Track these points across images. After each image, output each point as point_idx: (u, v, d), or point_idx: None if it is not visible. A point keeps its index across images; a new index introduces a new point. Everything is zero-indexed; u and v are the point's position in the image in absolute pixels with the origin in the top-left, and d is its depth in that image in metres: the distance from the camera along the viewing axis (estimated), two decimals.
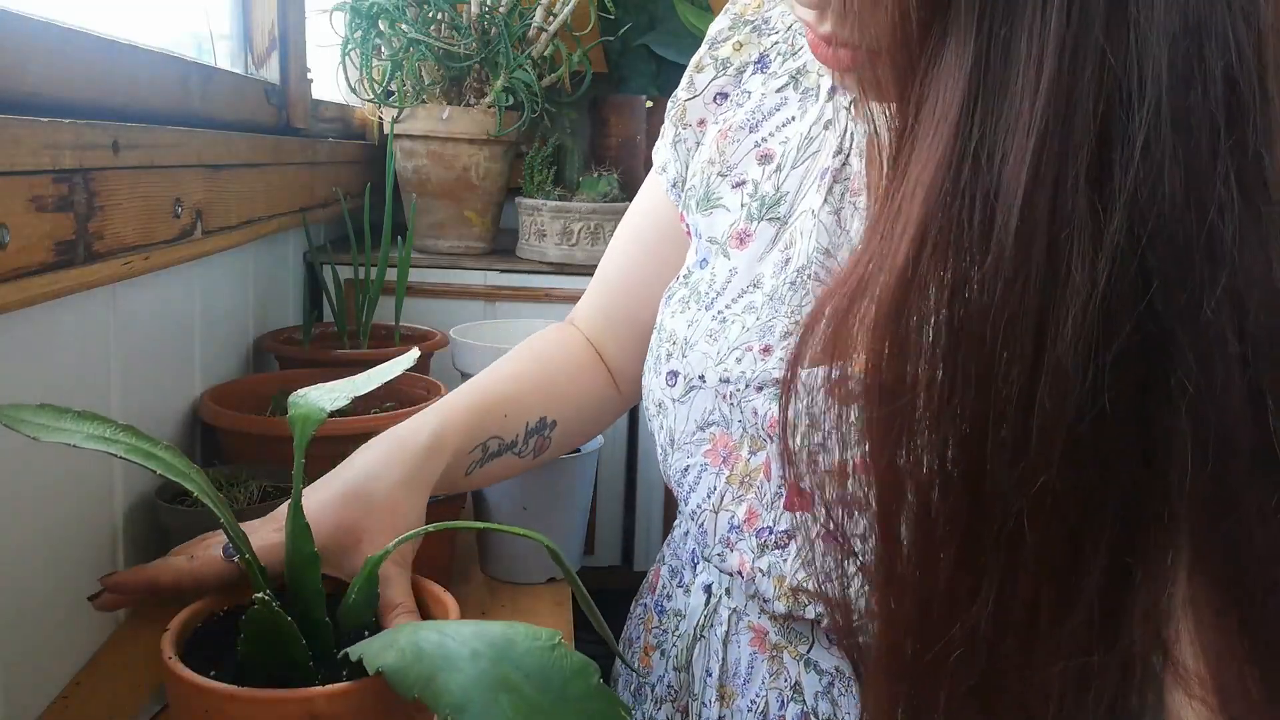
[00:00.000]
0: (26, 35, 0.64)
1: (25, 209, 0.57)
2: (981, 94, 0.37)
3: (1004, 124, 0.37)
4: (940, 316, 0.39)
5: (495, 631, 0.44)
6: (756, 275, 0.63)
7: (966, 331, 0.38)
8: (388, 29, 1.44)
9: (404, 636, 0.44)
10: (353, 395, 0.56)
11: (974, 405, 0.38)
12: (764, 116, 0.65)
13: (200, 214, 0.84)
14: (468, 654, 0.42)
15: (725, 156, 0.66)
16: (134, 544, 0.81)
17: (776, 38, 0.68)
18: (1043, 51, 0.36)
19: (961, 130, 0.37)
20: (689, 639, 0.69)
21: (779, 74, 0.67)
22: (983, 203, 0.37)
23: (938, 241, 0.38)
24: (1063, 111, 0.36)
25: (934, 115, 0.38)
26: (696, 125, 0.71)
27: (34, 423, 0.48)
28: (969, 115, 0.37)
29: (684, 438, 0.65)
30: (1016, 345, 0.37)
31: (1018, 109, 0.36)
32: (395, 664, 0.43)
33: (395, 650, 0.43)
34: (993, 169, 0.37)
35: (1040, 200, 0.36)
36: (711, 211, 0.66)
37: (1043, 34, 0.36)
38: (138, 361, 0.82)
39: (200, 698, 0.47)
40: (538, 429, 0.73)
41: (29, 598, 0.65)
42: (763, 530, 0.60)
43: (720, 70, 0.69)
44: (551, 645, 0.43)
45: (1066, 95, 0.36)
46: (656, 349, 0.67)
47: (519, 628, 0.44)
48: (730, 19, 0.71)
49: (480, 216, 1.54)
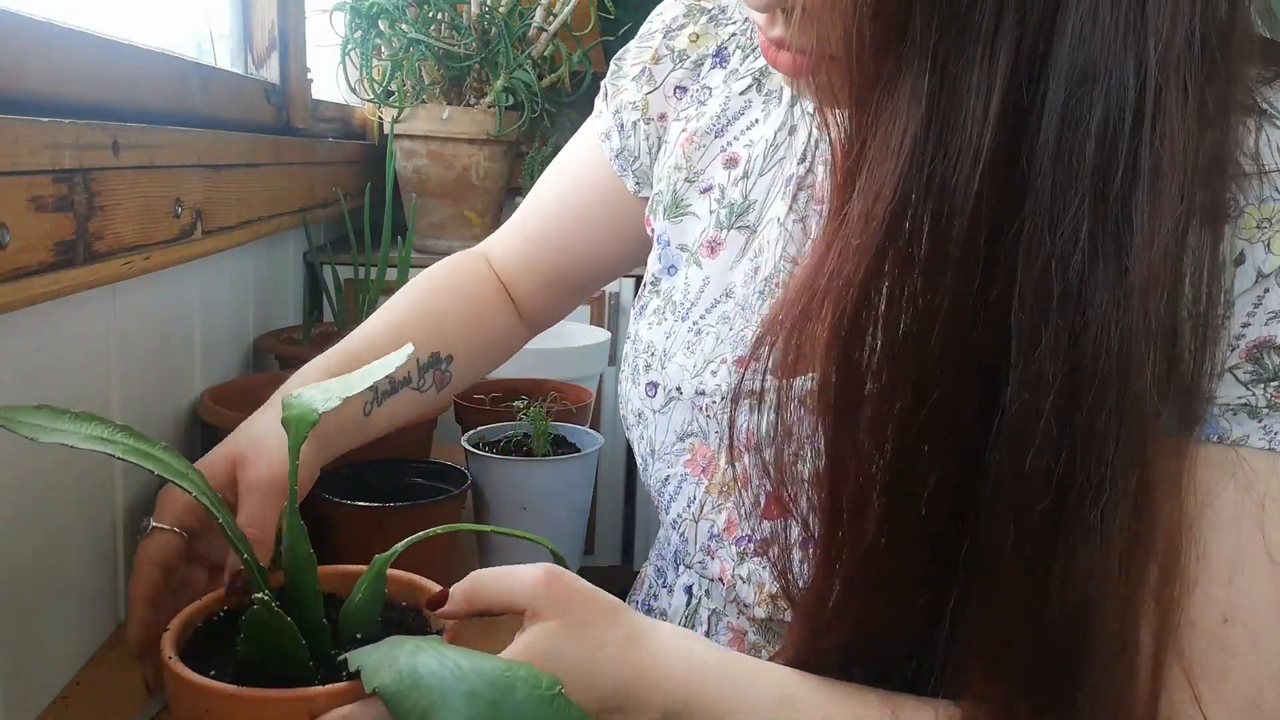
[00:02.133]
0: (26, 35, 0.64)
1: (25, 209, 0.57)
2: (934, 123, 0.39)
3: (953, 152, 0.39)
4: (887, 331, 0.41)
5: (495, 671, 0.43)
6: (729, 284, 0.63)
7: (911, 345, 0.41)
8: (388, 29, 1.45)
9: (403, 656, 0.44)
10: (346, 395, 0.56)
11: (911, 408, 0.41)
12: (729, 121, 0.65)
13: (200, 214, 0.84)
14: (465, 692, 0.41)
15: (692, 163, 0.66)
16: (134, 544, 0.81)
17: (734, 28, 0.67)
18: (991, 88, 0.38)
19: (915, 158, 0.39)
20: None
21: (741, 74, 0.66)
22: (934, 226, 0.39)
23: (891, 262, 0.41)
24: (1005, 145, 0.38)
25: (889, 140, 0.40)
26: (658, 120, 0.70)
27: (31, 423, 0.48)
28: (923, 143, 0.39)
29: (664, 448, 0.65)
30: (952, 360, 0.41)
31: (969, 139, 0.38)
32: (392, 687, 0.42)
33: (393, 672, 0.43)
34: (944, 196, 0.39)
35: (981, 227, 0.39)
36: (681, 219, 0.66)
37: (991, 72, 0.38)
38: (138, 361, 0.82)
39: (200, 697, 0.47)
40: (431, 364, 0.73)
41: (29, 598, 0.65)
42: (742, 539, 0.61)
43: (677, 62, 0.69)
44: (550, 695, 0.42)
45: (1012, 129, 0.38)
46: (634, 359, 0.68)
47: (519, 671, 0.43)
48: (684, 7, 0.70)
49: (480, 216, 1.54)
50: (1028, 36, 0.38)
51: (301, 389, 0.57)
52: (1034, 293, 0.39)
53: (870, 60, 0.40)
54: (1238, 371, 0.43)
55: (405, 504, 0.82)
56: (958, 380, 0.41)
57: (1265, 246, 0.42)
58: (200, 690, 0.47)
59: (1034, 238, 0.39)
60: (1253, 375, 0.42)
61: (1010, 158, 0.39)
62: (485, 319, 0.79)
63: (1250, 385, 0.43)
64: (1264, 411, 0.43)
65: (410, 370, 0.72)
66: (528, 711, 0.41)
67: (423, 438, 1.00)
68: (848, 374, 0.43)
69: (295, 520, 0.52)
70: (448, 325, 0.76)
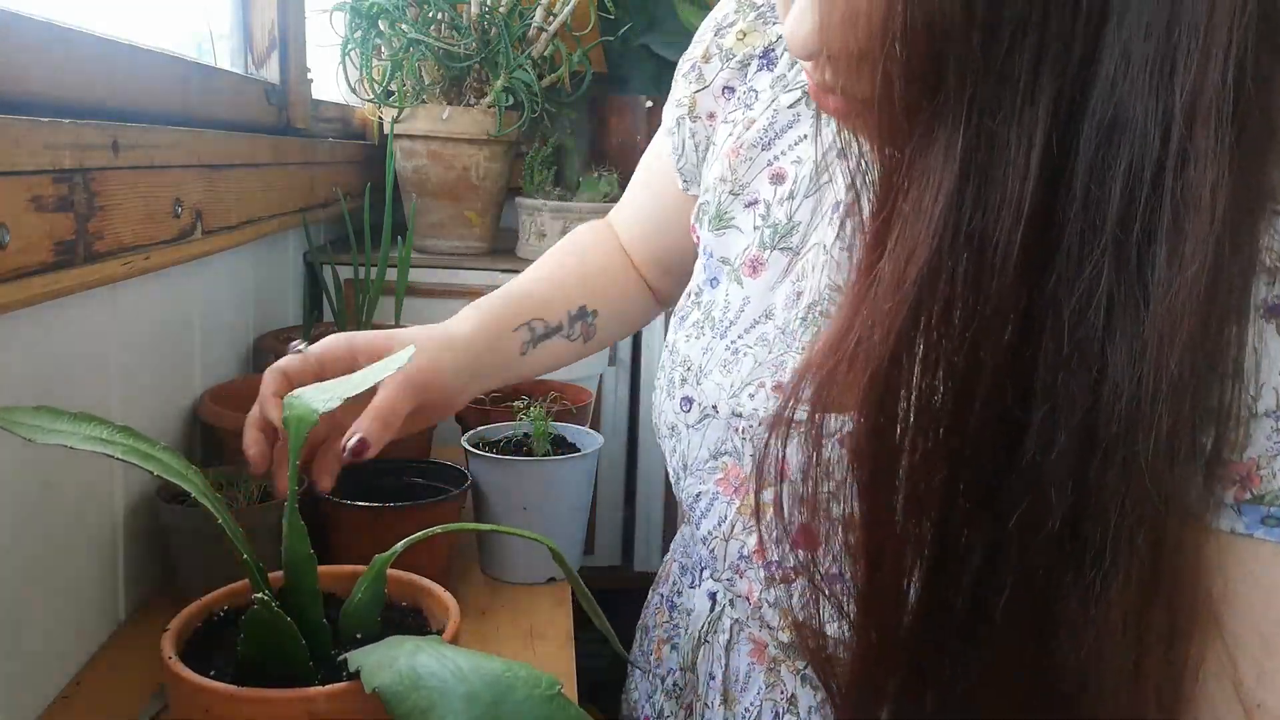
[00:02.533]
0: (26, 35, 0.64)
1: (25, 209, 0.57)
2: (972, 180, 0.38)
3: (992, 209, 0.37)
4: (925, 383, 0.40)
5: (495, 671, 0.43)
6: (769, 306, 0.63)
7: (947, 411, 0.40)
8: (388, 29, 1.44)
9: (403, 657, 0.44)
10: (346, 395, 0.56)
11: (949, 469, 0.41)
12: (777, 134, 0.64)
13: (200, 214, 0.84)
14: (464, 693, 0.41)
15: (738, 175, 0.66)
16: (134, 544, 0.81)
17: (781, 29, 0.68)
18: (1031, 140, 0.37)
19: (951, 216, 0.38)
20: (695, 641, 0.70)
21: (790, 85, 0.65)
22: (970, 288, 0.38)
23: (924, 327, 0.39)
24: (1044, 198, 0.37)
25: (922, 197, 0.39)
26: (706, 118, 0.71)
27: (30, 424, 0.48)
28: (959, 200, 0.38)
29: (696, 464, 0.65)
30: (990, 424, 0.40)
31: (1009, 194, 0.37)
32: (391, 687, 0.42)
33: (393, 672, 0.43)
34: (983, 255, 0.38)
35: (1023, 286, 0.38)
36: (724, 232, 0.66)
37: (1031, 123, 0.37)
38: (138, 361, 0.82)
39: (200, 697, 0.47)
40: (579, 315, 0.80)
41: (29, 598, 0.65)
42: (771, 564, 0.60)
43: (725, 61, 0.69)
44: (550, 695, 0.42)
45: (1049, 182, 0.37)
46: (670, 371, 0.67)
47: (519, 672, 0.43)
48: (735, 2, 0.69)
49: (480, 216, 1.54)
50: (1066, 86, 0.37)
51: (301, 390, 0.57)
52: (1054, 348, 0.38)
53: (902, 115, 0.39)
54: None
55: (405, 504, 0.82)
56: (994, 442, 0.40)
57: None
58: (200, 690, 0.47)
59: (1058, 292, 0.38)
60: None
61: (1048, 212, 0.37)
62: (623, 283, 0.85)
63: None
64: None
65: (562, 319, 0.79)
66: (528, 711, 0.41)
67: (423, 438, 1.00)
68: (880, 437, 0.42)
69: (295, 520, 0.52)
70: (593, 282, 0.82)
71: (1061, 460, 0.39)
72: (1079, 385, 0.38)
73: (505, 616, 0.85)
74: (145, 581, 0.84)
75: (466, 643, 0.51)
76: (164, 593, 0.84)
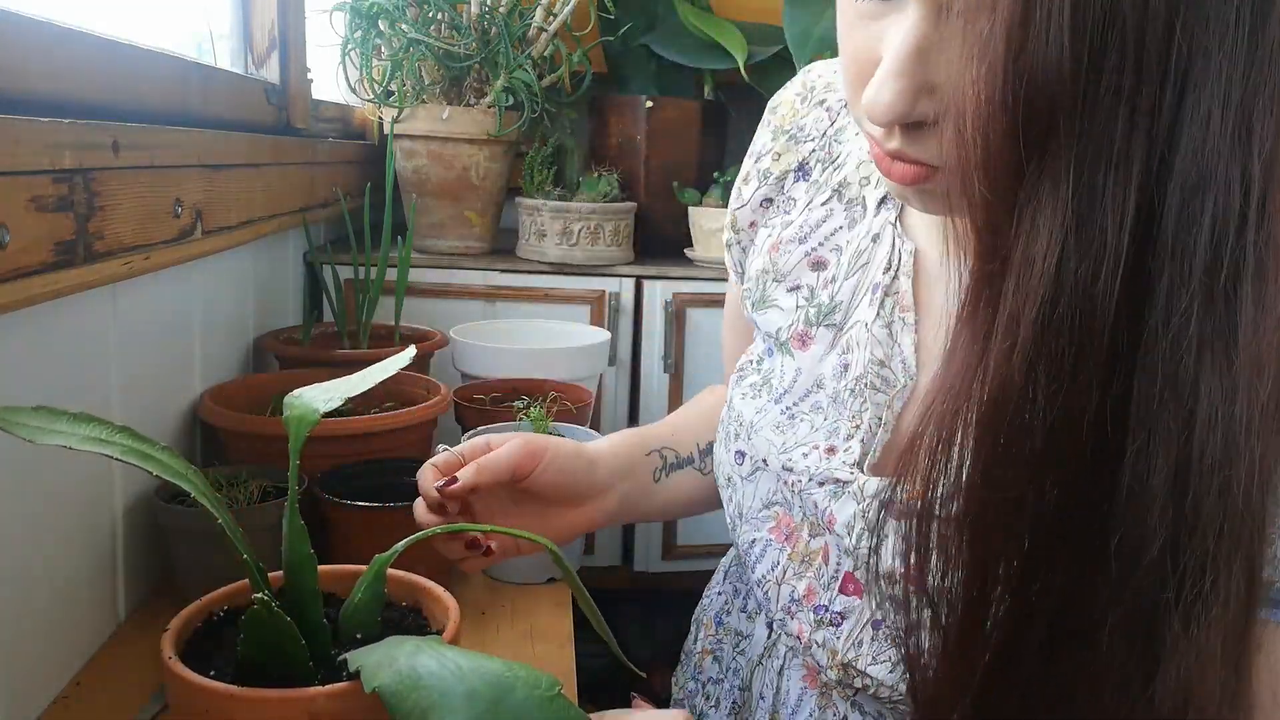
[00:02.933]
0: (26, 35, 0.64)
1: (25, 209, 0.57)
2: (1077, 229, 0.40)
3: (1094, 256, 0.40)
4: (1037, 437, 0.42)
5: (495, 671, 0.43)
6: (819, 376, 0.68)
7: (1059, 447, 0.42)
8: (388, 29, 1.44)
9: (403, 657, 0.44)
10: (347, 395, 0.56)
11: (1052, 509, 0.43)
12: (812, 229, 0.70)
13: (200, 214, 0.84)
14: (464, 692, 0.41)
15: (778, 267, 0.71)
16: (134, 544, 0.81)
17: (812, 144, 0.73)
18: (1126, 195, 0.40)
19: (1062, 263, 0.41)
20: (752, 663, 0.74)
21: (823, 186, 0.71)
22: (1079, 330, 0.41)
23: (1043, 366, 0.42)
24: (1137, 250, 0.40)
25: (1031, 246, 0.41)
26: (748, 228, 0.77)
27: (29, 425, 0.48)
28: (1067, 249, 0.40)
29: (751, 513, 0.70)
30: (1096, 462, 0.42)
31: (1108, 244, 0.40)
32: (391, 687, 0.42)
33: (393, 672, 0.43)
34: (1090, 300, 0.41)
35: (1124, 330, 0.41)
36: (766, 311, 0.72)
37: (1126, 179, 0.40)
38: (138, 361, 0.82)
39: (200, 697, 0.47)
40: (709, 450, 0.80)
41: (29, 598, 0.65)
42: (820, 607, 0.64)
43: (762, 180, 0.75)
44: (551, 695, 0.42)
45: (1142, 235, 0.40)
46: (726, 425, 0.73)
47: (519, 672, 0.43)
48: (771, 132, 0.76)
49: (480, 216, 1.54)
50: (1156, 147, 0.40)
51: (303, 389, 0.57)
52: (1148, 387, 0.41)
53: (1007, 172, 0.41)
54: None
55: (405, 504, 0.82)
56: (1096, 478, 0.43)
57: None
58: (200, 690, 0.47)
59: (1150, 335, 0.41)
60: None
61: (1140, 260, 0.41)
62: None
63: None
64: None
65: (693, 451, 0.81)
66: (528, 711, 0.41)
67: (423, 438, 1.00)
68: (996, 478, 0.44)
69: (295, 520, 0.52)
70: (703, 427, 0.84)
71: (1160, 488, 0.42)
72: (1174, 418, 0.41)
73: (505, 617, 0.85)
74: (145, 581, 0.84)
75: (466, 643, 0.51)
76: (163, 593, 0.84)
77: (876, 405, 0.62)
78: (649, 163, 1.63)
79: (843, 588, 0.63)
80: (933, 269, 0.64)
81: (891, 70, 0.45)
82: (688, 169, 1.64)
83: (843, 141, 0.71)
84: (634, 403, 1.53)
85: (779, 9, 1.49)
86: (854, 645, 0.61)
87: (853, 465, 0.62)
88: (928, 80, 0.45)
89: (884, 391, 0.62)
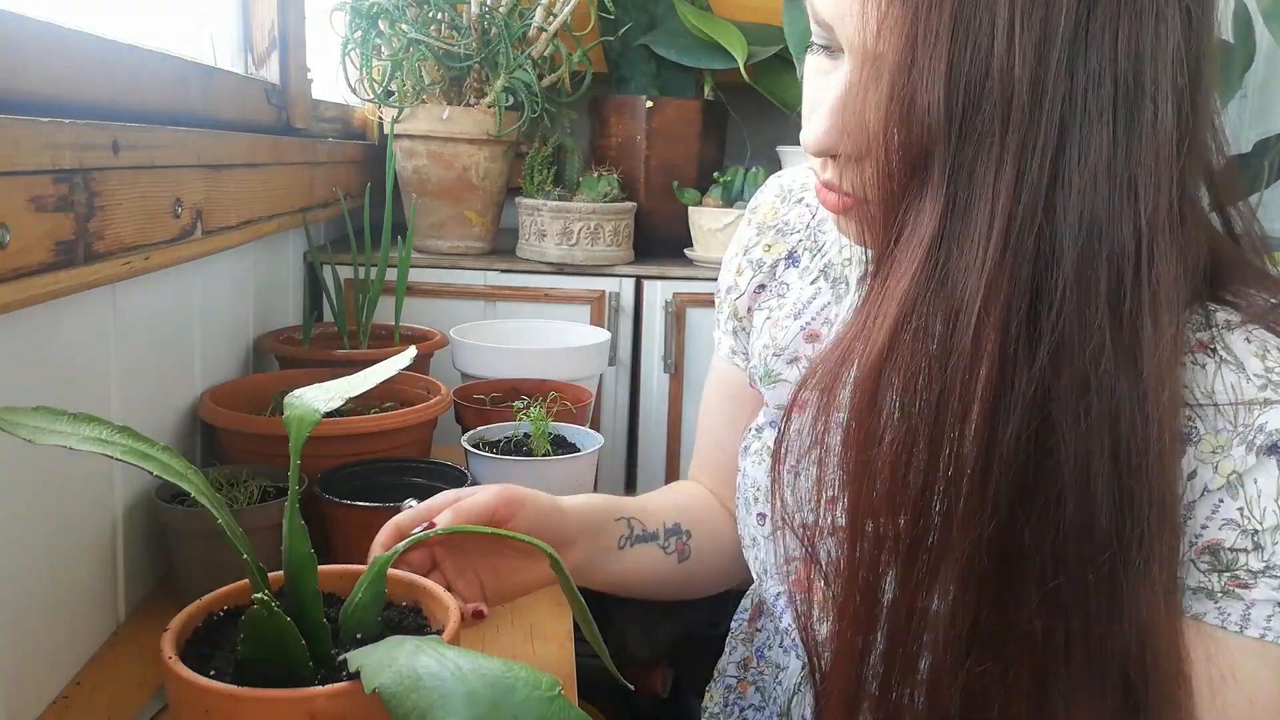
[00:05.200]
0: (26, 35, 0.64)
1: (25, 209, 0.57)
2: (946, 235, 0.49)
3: (963, 261, 0.49)
4: (903, 391, 0.51)
5: (495, 672, 0.43)
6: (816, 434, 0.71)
7: (921, 407, 0.51)
8: (388, 29, 1.44)
9: (403, 657, 0.44)
10: (348, 395, 0.57)
11: (925, 459, 0.51)
12: (803, 305, 0.78)
13: (200, 214, 0.84)
14: (465, 693, 0.41)
15: (777, 342, 0.78)
16: (133, 544, 0.81)
17: (799, 235, 0.81)
18: (993, 216, 0.48)
19: (930, 258, 0.50)
20: (788, 691, 0.79)
21: (811, 269, 0.79)
22: (944, 316, 0.50)
23: (907, 336, 0.51)
24: (1007, 263, 0.48)
25: (910, 242, 0.51)
26: (746, 314, 0.84)
27: (30, 425, 0.48)
28: (936, 248, 0.50)
29: (773, 569, 0.76)
30: (956, 424, 0.50)
31: (975, 252, 0.49)
32: (392, 688, 0.42)
33: (393, 672, 0.43)
34: (954, 293, 0.49)
35: (988, 324, 0.49)
36: (775, 385, 0.78)
37: (994, 203, 0.48)
38: (138, 361, 0.82)
39: (200, 697, 0.47)
40: (674, 531, 0.83)
41: (29, 598, 0.65)
42: None
43: (756, 270, 0.82)
44: (550, 696, 0.42)
45: (1012, 252, 0.48)
46: (744, 491, 0.80)
47: (519, 672, 0.43)
48: (755, 229, 0.84)
49: (480, 216, 1.54)
50: (1029, 180, 0.48)
51: (304, 390, 0.57)
52: (1074, 385, 0.49)
53: (896, 193, 0.51)
54: (1198, 562, 0.54)
55: None
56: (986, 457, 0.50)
57: (1214, 469, 0.53)
58: (200, 690, 0.47)
59: (1065, 342, 0.49)
60: (1209, 566, 0.54)
61: (1016, 272, 0.49)
62: (716, 515, 0.89)
63: (1207, 574, 0.54)
64: (1219, 595, 0.54)
65: (658, 529, 0.83)
66: (528, 711, 0.41)
67: (423, 438, 1.00)
68: (864, 437, 0.53)
69: (295, 520, 0.53)
70: (686, 507, 0.87)
71: (1103, 468, 0.50)
72: (1102, 411, 0.50)
73: (505, 618, 0.85)
74: (145, 581, 0.84)
75: (466, 643, 0.51)
76: (164, 593, 0.84)
77: None
78: (649, 163, 1.63)
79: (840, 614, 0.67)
80: None
81: (822, 112, 0.55)
82: (688, 169, 1.64)
83: (826, 231, 0.79)
84: (634, 403, 1.53)
85: (779, 9, 1.48)
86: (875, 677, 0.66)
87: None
88: (849, 122, 0.54)
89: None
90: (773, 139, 1.71)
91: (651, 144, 1.62)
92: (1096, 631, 0.52)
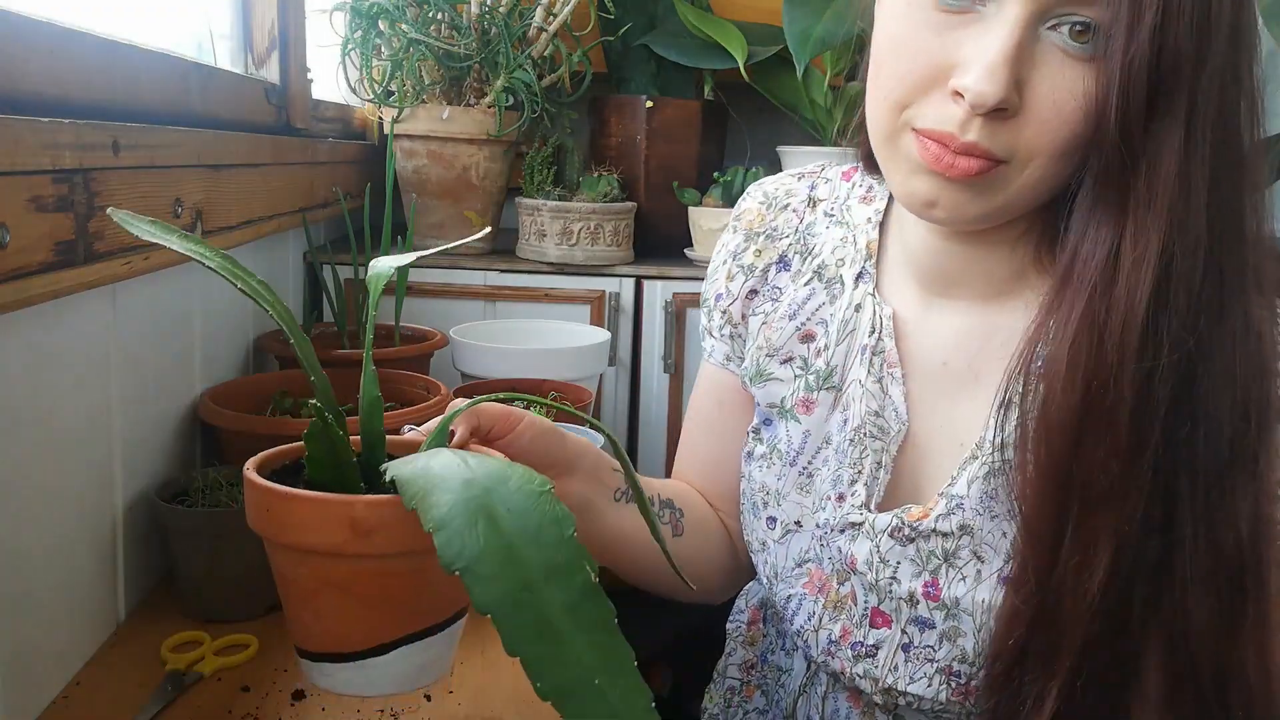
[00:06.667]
0: (26, 35, 0.64)
1: (25, 209, 0.57)
2: (1187, 170, 0.57)
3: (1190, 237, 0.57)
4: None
5: (496, 467, 0.48)
6: (826, 433, 0.76)
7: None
8: (388, 29, 1.44)
9: (425, 458, 0.50)
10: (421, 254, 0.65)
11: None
12: (798, 307, 0.79)
13: (200, 214, 0.84)
14: (464, 479, 0.46)
15: (771, 343, 0.80)
16: (134, 544, 0.81)
17: (788, 240, 0.82)
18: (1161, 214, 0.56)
19: (1181, 187, 0.57)
20: (793, 694, 0.80)
21: (804, 271, 0.81)
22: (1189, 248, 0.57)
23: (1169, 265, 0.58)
24: (1164, 268, 0.56)
25: (1156, 173, 0.56)
26: (740, 320, 0.84)
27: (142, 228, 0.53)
28: (1185, 178, 0.57)
29: (784, 572, 0.77)
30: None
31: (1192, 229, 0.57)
32: (405, 477, 0.48)
33: (411, 467, 0.49)
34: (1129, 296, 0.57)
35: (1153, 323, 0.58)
36: (765, 384, 0.79)
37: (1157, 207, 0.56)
38: (138, 361, 0.82)
39: (265, 497, 0.54)
40: (668, 504, 0.83)
41: (29, 597, 0.65)
42: (856, 644, 0.71)
43: (748, 275, 0.83)
44: (541, 490, 0.46)
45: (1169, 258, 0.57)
46: (751, 496, 0.80)
47: (518, 469, 0.47)
48: (743, 235, 0.84)
49: (480, 216, 1.54)
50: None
51: (379, 258, 0.64)
52: (1214, 353, 0.59)
53: (1132, 127, 0.56)
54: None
55: None
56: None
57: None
58: (263, 491, 0.54)
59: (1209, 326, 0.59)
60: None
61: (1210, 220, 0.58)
62: (705, 510, 0.89)
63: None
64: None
65: (654, 496, 0.83)
66: (517, 502, 0.45)
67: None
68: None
69: (369, 367, 0.58)
70: (680, 493, 0.87)
71: (1231, 401, 0.59)
72: (1229, 372, 0.59)
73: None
74: (145, 581, 0.84)
75: (468, 640, 0.51)
76: (163, 593, 0.84)
77: (875, 451, 0.71)
78: (649, 163, 1.63)
79: (873, 622, 0.70)
80: (906, 326, 0.74)
81: (998, 62, 0.55)
82: (688, 169, 1.64)
83: (816, 234, 0.81)
84: (634, 403, 1.53)
85: (779, 9, 1.48)
86: (891, 670, 0.69)
87: (860, 507, 0.70)
88: (1020, 75, 0.55)
89: (880, 439, 0.71)
90: (773, 139, 1.71)
91: (651, 144, 1.62)
92: (1214, 528, 0.59)
